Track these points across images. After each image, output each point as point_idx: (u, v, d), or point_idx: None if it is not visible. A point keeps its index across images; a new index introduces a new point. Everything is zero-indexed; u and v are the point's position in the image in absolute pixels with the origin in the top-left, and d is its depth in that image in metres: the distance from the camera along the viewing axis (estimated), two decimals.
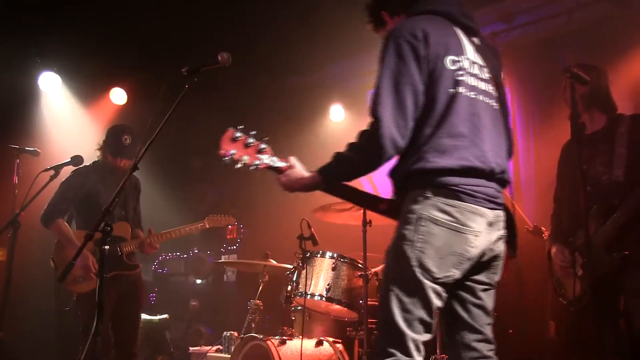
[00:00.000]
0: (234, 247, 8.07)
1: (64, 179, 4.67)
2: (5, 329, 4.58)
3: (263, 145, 2.54)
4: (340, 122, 7.15)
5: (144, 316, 6.28)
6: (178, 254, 8.23)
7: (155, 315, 6.98)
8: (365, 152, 2.38)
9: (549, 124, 5.39)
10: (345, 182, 2.60)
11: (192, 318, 7.39)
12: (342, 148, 2.41)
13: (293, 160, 2.56)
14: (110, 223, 2.92)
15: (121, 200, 4.78)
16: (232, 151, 2.48)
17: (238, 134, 2.50)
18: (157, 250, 4.82)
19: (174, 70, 3.13)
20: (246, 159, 2.50)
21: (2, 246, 6.10)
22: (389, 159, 2.37)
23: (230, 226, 7.87)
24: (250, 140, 2.52)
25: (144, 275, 6.54)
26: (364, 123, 2.37)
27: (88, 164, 4.74)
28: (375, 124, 2.32)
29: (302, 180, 2.52)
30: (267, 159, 2.54)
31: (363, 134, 2.39)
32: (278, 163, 2.56)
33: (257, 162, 2.52)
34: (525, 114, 5.96)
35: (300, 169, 2.54)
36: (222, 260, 7.58)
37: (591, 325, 3.58)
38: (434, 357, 4.09)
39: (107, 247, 2.93)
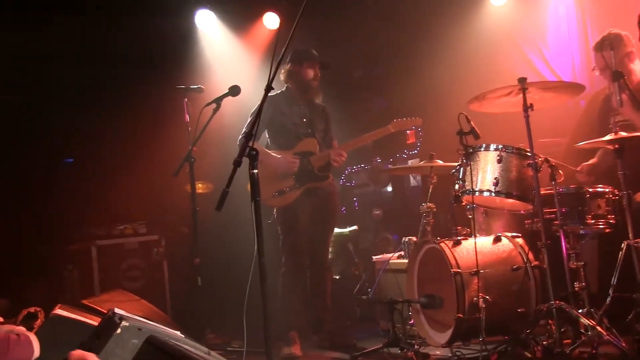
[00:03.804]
0: (415, 151, 7.97)
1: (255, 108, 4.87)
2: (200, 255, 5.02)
3: None
4: (502, 6, 6.54)
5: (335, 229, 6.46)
6: (362, 165, 8.34)
7: (345, 227, 7.15)
8: None
9: None
10: None
11: (378, 227, 7.48)
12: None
13: None
14: (255, 148, 2.96)
15: (308, 119, 4.99)
16: None
17: None
18: (344, 158, 4.90)
19: None
20: None
21: (204, 180, 6.59)
22: None
23: (408, 131, 7.78)
24: None
25: None
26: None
27: (278, 91, 4.91)
28: None
29: None
30: None
31: None
32: None
33: None
34: None
35: None
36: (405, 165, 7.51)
37: None
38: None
39: (255, 171, 2.99)
